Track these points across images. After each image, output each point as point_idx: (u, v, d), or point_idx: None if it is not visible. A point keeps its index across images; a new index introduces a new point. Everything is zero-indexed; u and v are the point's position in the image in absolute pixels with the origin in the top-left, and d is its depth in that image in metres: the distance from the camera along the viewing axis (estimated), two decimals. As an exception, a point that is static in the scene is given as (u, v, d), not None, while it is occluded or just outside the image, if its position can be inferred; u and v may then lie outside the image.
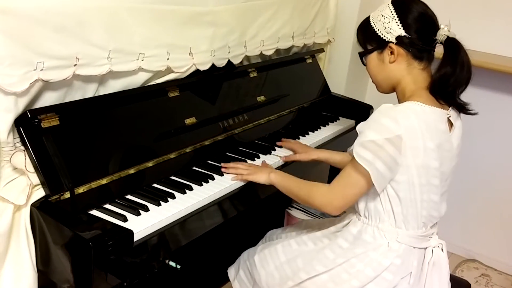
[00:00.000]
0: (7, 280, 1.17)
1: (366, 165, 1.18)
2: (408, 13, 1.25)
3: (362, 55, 1.35)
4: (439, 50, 1.28)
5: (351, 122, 2.11)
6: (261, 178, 1.44)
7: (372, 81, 1.38)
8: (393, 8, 1.26)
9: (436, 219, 1.32)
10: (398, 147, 1.17)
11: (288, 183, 1.40)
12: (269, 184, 1.43)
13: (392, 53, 1.27)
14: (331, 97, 2.22)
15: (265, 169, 1.48)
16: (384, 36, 1.27)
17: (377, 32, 1.28)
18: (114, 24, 1.29)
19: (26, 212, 1.16)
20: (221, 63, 1.66)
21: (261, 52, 1.85)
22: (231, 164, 1.50)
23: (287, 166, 1.65)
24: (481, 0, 2.21)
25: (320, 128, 1.99)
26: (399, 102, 1.30)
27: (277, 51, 1.96)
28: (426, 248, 1.30)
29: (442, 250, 1.32)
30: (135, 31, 1.35)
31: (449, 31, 1.24)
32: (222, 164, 1.51)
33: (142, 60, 1.38)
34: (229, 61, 1.70)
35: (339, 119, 2.12)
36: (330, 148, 1.87)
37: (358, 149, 1.19)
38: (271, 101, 1.87)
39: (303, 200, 1.35)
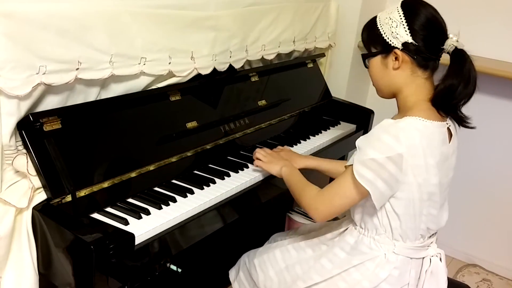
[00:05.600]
0: (9, 283, 1.18)
1: (367, 184, 1.15)
2: (417, 19, 1.18)
3: (365, 58, 1.29)
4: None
5: (352, 126, 2.11)
6: (274, 170, 1.48)
7: (373, 84, 1.33)
8: (402, 12, 1.19)
9: (434, 230, 1.30)
10: (399, 165, 1.14)
11: (291, 179, 1.40)
12: (280, 176, 1.46)
13: (396, 59, 1.21)
14: (332, 101, 2.22)
15: (281, 161, 1.49)
16: (390, 40, 1.20)
17: (383, 35, 1.22)
18: (116, 28, 1.30)
19: (27, 215, 1.17)
20: (222, 67, 1.67)
21: (262, 56, 1.85)
22: (257, 150, 1.56)
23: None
24: (483, 5, 2.22)
25: (321, 133, 1.99)
26: (398, 111, 1.27)
27: (278, 55, 1.97)
28: (423, 258, 1.28)
29: (440, 259, 1.30)
30: (137, 36, 1.36)
31: (457, 41, 1.19)
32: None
33: (144, 64, 1.39)
34: (230, 65, 1.71)
35: (340, 124, 2.13)
36: (331, 152, 1.88)
37: (358, 167, 1.16)
38: (272, 105, 1.88)
39: (296, 198, 1.34)
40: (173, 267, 1.29)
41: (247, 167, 1.58)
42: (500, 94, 2.24)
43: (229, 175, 1.51)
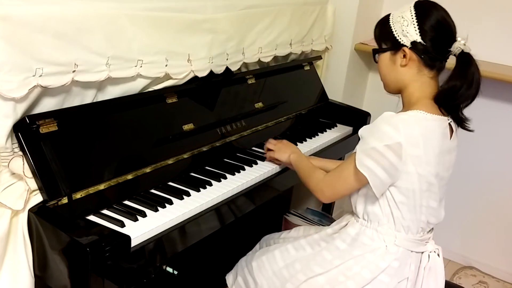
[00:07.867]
0: (4, 285, 1.17)
1: (366, 172, 1.21)
2: (428, 20, 1.23)
3: (375, 53, 1.35)
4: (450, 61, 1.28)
5: (349, 128, 2.12)
6: (283, 157, 1.57)
7: (381, 79, 1.37)
8: (414, 12, 1.25)
9: (433, 224, 1.34)
10: (398, 154, 1.19)
11: (299, 165, 1.50)
12: (289, 163, 1.55)
13: (404, 56, 1.26)
14: (329, 104, 2.23)
15: (289, 149, 1.58)
16: (400, 38, 1.26)
17: (394, 33, 1.27)
18: (113, 31, 1.30)
19: (23, 217, 1.16)
20: (219, 69, 1.67)
21: (259, 59, 1.86)
22: (268, 141, 1.66)
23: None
24: (481, 7, 2.23)
25: (317, 135, 1.99)
26: (403, 106, 1.32)
27: (275, 58, 1.97)
28: (422, 253, 1.32)
29: (438, 255, 1.34)
30: (134, 38, 1.36)
31: (465, 44, 1.23)
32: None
33: (141, 66, 1.39)
34: (227, 68, 1.71)
35: (336, 126, 2.13)
36: (328, 155, 1.88)
37: (360, 156, 1.23)
38: (269, 108, 1.88)
39: (304, 181, 1.44)
40: (169, 269, 1.29)
41: (244, 169, 1.59)
42: (497, 97, 2.25)
43: (225, 177, 1.52)
